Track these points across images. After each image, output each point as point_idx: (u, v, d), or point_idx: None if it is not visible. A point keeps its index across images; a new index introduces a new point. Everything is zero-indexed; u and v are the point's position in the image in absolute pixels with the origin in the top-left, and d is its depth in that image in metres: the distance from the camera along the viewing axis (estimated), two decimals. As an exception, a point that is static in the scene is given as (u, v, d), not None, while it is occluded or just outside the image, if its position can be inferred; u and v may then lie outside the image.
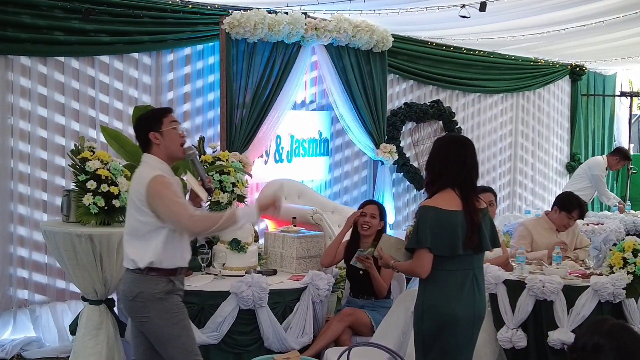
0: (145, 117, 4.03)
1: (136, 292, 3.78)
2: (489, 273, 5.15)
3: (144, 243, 3.77)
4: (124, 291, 3.86)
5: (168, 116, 3.93)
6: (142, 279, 3.79)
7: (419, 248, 3.75)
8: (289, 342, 4.80)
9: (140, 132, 3.94)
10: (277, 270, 5.43)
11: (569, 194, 6.58)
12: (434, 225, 3.72)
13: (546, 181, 11.55)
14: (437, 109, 9.35)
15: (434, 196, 3.83)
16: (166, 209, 3.70)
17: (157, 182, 3.72)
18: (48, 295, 6.11)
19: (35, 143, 5.99)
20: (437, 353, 3.78)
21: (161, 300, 3.80)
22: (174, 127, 3.91)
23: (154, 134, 3.87)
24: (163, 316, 3.79)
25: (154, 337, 3.84)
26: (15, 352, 5.74)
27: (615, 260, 5.18)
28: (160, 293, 3.79)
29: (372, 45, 8.03)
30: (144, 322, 3.81)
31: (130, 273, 3.83)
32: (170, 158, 3.94)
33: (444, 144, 3.98)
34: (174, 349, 3.82)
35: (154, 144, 3.88)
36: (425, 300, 3.82)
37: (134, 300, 3.80)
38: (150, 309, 3.78)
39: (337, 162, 8.50)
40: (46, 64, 6.03)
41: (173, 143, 3.90)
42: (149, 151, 3.91)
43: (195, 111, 7.03)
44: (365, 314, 5.22)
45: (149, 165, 3.85)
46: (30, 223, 5.99)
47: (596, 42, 9.30)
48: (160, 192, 3.71)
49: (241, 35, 6.79)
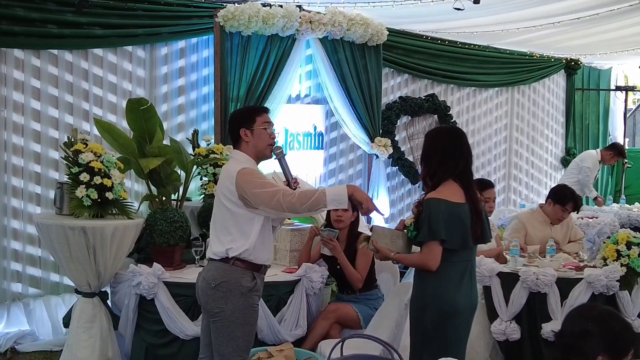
0: (239, 113, 4.14)
1: (220, 279, 3.78)
2: (483, 265, 5.16)
3: (236, 234, 3.81)
4: (206, 278, 3.84)
5: (262, 116, 3.99)
6: (228, 269, 3.80)
7: (430, 241, 3.74)
8: (283, 335, 4.80)
9: (232, 127, 4.01)
10: (271, 263, 5.42)
11: (563, 187, 6.57)
12: (447, 218, 3.72)
13: (541, 175, 11.56)
14: (432, 102, 9.35)
15: (438, 188, 3.81)
16: (259, 192, 3.74)
17: (243, 173, 3.79)
18: (42, 289, 6.11)
19: (29, 136, 5.98)
20: (439, 345, 3.77)
21: (242, 295, 3.80)
22: (265, 127, 3.96)
23: (244, 130, 3.93)
24: (236, 313, 3.79)
25: (217, 329, 3.83)
26: (9, 345, 5.74)
27: (608, 253, 5.19)
28: (244, 287, 3.80)
29: (366, 38, 8.01)
30: (216, 312, 3.79)
31: (216, 263, 3.83)
32: (258, 156, 4.00)
33: (440, 135, 3.97)
34: (227, 349, 3.82)
35: (243, 141, 3.95)
36: (426, 292, 3.81)
37: (216, 287, 3.79)
38: (228, 302, 3.78)
39: (332, 155, 8.49)
40: (39, 56, 6.01)
41: (261, 142, 3.96)
42: (238, 147, 3.98)
43: (190, 104, 7.01)
44: (352, 307, 5.21)
45: (236, 161, 3.92)
46: (24, 216, 5.98)
47: (591, 34, 9.29)
48: (248, 180, 3.77)
49: (235, 29, 6.77)
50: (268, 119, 4.01)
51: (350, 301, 5.28)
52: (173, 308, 4.69)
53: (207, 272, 3.87)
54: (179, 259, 5.23)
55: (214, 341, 3.87)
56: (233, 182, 3.79)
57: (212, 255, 3.88)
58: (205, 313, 3.92)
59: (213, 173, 5.96)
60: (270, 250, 3.98)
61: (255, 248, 3.82)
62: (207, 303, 3.85)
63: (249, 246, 3.80)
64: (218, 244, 3.86)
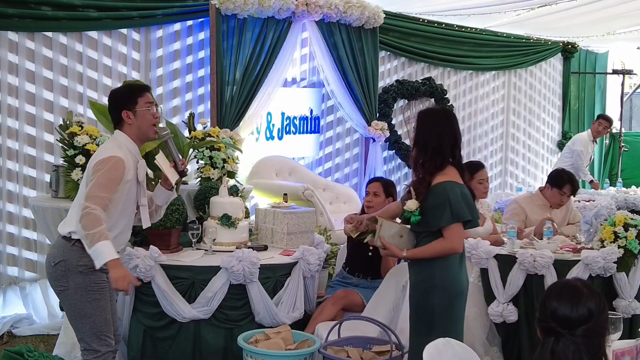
0: (119, 94, 3.94)
1: (59, 259, 3.74)
2: (480, 248, 5.14)
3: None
4: (48, 255, 3.83)
5: (144, 96, 3.86)
6: (68, 248, 3.73)
7: (454, 223, 3.72)
8: (280, 317, 4.78)
9: (113, 108, 3.88)
10: (268, 246, 5.41)
11: (560, 171, 6.56)
12: (464, 200, 3.74)
13: (538, 159, 11.57)
14: (429, 86, 9.33)
15: (444, 171, 3.77)
16: (91, 185, 3.63)
17: (107, 161, 3.66)
18: (38, 273, 6.09)
19: (23, 119, 5.95)
20: (446, 326, 3.76)
21: (82, 274, 3.74)
22: (148, 108, 3.84)
23: (126, 112, 3.81)
24: (79, 291, 3.75)
25: (67, 309, 3.84)
26: (6, 329, 5.73)
27: (606, 235, 5.18)
28: (83, 267, 3.72)
29: (363, 21, 7.98)
30: (61, 291, 3.79)
31: (59, 240, 3.80)
32: (140, 139, 3.89)
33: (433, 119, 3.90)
34: (83, 327, 3.80)
35: (126, 123, 3.83)
36: (436, 274, 3.78)
37: (55, 266, 3.75)
38: (69, 280, 3.74)
39: (328, 139, 8.47)
40: (34, 39, 5.97)
41: (145, 123, 3.84)
42: (120, 128, 3.86)
43: (185, 87, 6.98)
44: (358, 294, 5.19)
45: (115, 143, 3.81)
46: (19, 200, 5.96)
47: (588, 12, 9.21)
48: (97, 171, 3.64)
49: (231, 11, 6.73)
50: (150, 99, 3.89)
51: (359, 285, 5.27)
52: (170, 291, 4.67)
53: (51, 249, 3.87)
54: (176, 242, 5.20)
55: (70, 320, 3.86)
56: (93, 161, 3.72)
57: (60, 230, 3.82)
58: (54, 291, 3.91)
59: (209, 156, 5.93)
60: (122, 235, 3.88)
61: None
62: (50, 281, 3.85)
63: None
64: (67, 222, 3.79)
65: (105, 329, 3.85)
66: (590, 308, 2.33)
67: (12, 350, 4.34)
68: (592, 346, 2.32)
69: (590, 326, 2.31)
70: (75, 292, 3.74)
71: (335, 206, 7.77)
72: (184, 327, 4.67)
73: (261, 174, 7.33)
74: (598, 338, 2.34)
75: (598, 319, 2.33)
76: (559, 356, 2.31)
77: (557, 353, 2.31)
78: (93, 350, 3.82)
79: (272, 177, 7.44)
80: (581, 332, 2.31)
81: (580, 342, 2.30)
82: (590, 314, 2.32)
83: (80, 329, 3.81)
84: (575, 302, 2.34)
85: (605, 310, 2.39)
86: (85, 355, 3.85)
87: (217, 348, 4.68)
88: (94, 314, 3.78)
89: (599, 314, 2.34)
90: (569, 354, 2.29)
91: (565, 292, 2.39)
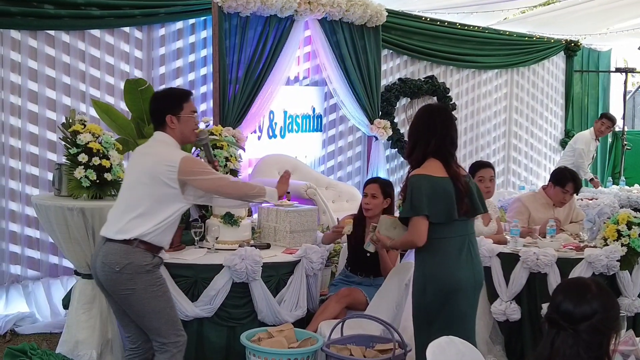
0: (165, 98, 4.05)
1: (125, 262, 3.76)
2: (483, 246, 5.13)
3: (146, 216, 3.80)
4: (107, 262, 3.80)
5: (189, 102, 3.98)
6: (131, 251, 3.78)
7: (414, 216, 3.74)
8: (283, 316, 4.78)
9: (157, 112, 3.97)
10: (271, 244, 5.41)
11: (563, 169, 6.55)
12: (429, 193, 3.72)
13: (540, 157, 11.56)
14: (431, 84, 9.33)
15: (422, 165, 3.82)
16: (204, 179, 3.87)
17: (187, 160, 3.85)
18: (41, 271, 6.09)
19: (26, 117, 5.95)
20: (442, 323, 3.75)
21: (148, 272, 3.82)
22: (192, 115, 3.98)
23: (171, 117, 3.91)
24: (148, 289, 3.81)
25: (137, 310, 3.84)
26: (9, 327, 5.72)
27: (609, 233, 5.17)
28: (148, 265, 3.81)
29: (365, 19, 7.97)
30: (128, 294, 3.80)
31: (115, 244, 3.81)
32: (182, 141, 4.00)
33: (418, 115, 3.99)
34: (159, 321, 3.84)
35: (168, 127, 3.93)
36: (425, 271, 3.80)
37: (121, 271, 3.77)
38: (137, 281, 3.78)
39: (331, 137, 8.46)
40: (36, 37, 5.96)
41: (188, 129, 3.97)
42: (162, 131, 3.95)
43: (188, 86, 6.97)
44: (362, 292, 5.18)
45: (165, 145, 3.92)
46: (22, 198, 5.95)
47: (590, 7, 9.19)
48: (193, 168, 3.85)
49: (233, 9, 6.72)
50: (194, 107, 4.03)
51: (362, 284, 5.26)
52: (173, 289, 4.65)
53: (106, 256, 3.81)
54: (178, 240, 5.20)
55: (141, 322, 3.88)
56: (175, 167, 3.79)
57: (112, 235, 3.83)
58: (114, 297, 3.89)
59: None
60: (172, 235, 4.04)
61: (162, 231, 3.85)
62: (115, 287, 3.83)
63: (156, 229, 3.81)
64: (122, 224, 3.83)
65: (178, 319, 3.97)
66: (593, 306, 2.33)
67: (16, 348, 4.34)
68: (593, 343, 2.32)
69: (593, 324, 2.32)
70: (145, 291, 3.80)
71: (337, 204, 7.76)
72: (187, 325, 4.65)
73: (264, 173, 7.32)
74: (601, 337, 2.35)
75: (602, 318, 2.33)
76: (557, 348, 2.33)
77: (556, 345, 2.33)
78: (172, 342, 3.88)
79: (275, 176, 7.41)
80: (584, 328, 2.31)
81: (581, 337, 2.31)
82: (593, 312, 2.33)
83: (156, 325, 3.85)
84: (580, 298, 2.35)
85: (613, 311, 2.39)
86: (164, 348, 3.87)
87: (219, 346, 4.69)
88: (166, 307, 3.87)
89: (604, 313, 2.34)
90: (566, 347, 2.32)
91: (573, 287, 2.41)
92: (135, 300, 3.81)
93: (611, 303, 2.39)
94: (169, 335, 3.87)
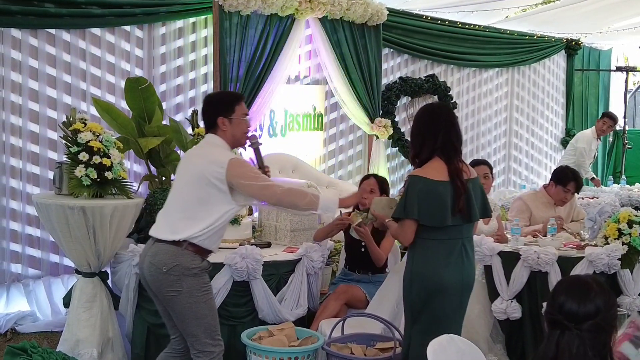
0: (217, 100, 4.07)
1: (172, 264, 3.75)
2: (484, 245, 5.14)
3: (197, 218, 3.80)
4: (155, 263, 3.79)
5: (241, 105, 3.99)
6: (179, 252, 3.77)
7: (404, 218, 3.76)
8: (284, 314, 4.79)
9: (209, 113, 3.98)
10: (271, 243, 5.41)
11: (565, 168, 6.56)
12: (422, 197, 3.72)
13: (541, 156, 11.55)
14: (432, 83, 9.32)
15: (423, 166, 3.82)
16: (251, 185, 3.82)
17: (235, 163, 3.82)
18: (41, 270, 6.09)
19: (27, 116, 5.94)
20: (425, 321, 3.79)
21: (195, 276, 3.80)
22: (244, 118, 3.98)
23: (222, 119, 3.92)
24: (194, 293, 3.79)
25: (179, 312, 3.82)
26: (9, 326, 5.72)
27: (610, 231, 5.18)
28: (195, 269, 3.79)
29: (366, 18, 7.97)
30: (173, 296, 3.78)
31: (165, 245, 3.80)
32: (233, 144, 4.00)
33: (419, 115, 3.98)
34: (199, 328, 3.82)
35: (220, 129, 3.94)
36: (413, 268, 3.83)
37: (168, 272, 3.76)
38: (183, 284, 3.76)
39: (332, 136, 8.46)
40: (37, 36, 5.96)
41: (239, 131, 3.97)
42: (214, 133, 3.96)
43: (189, 84, 6.96)
44: (360, 289, 5.20)
45: (216, 147, 3.93)
46: (23, 197, 5.95)
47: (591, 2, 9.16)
48: (241, 171, 3.83)
49: (234, 8, 6.72)
50: (246, 110, 4.03)
51: (361, 281, 5.26)
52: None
53: (154, 256, 3.81)
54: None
55: (181, 325, 3.86)
56: (223, 168, 3.78)
57: (162, 236, 3.83)
58: (159, 298, 3.89)
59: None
60: (221, 238, 4.02)
61: (212, 234, 3.84)
62: (160, 288, 3.81)
63: (205, 231, 3.80)
64: (171, 225, 3.83)
65: (217, 329, 3.92)
66: (597, 304, 2.33)
67: (16, 347, 4.33)
68: (597, 342, 2.32)
69: (596, 322, 2.31)
70: (190, 294, 3.78)
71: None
72: (188, 323, 4.67)
73: (264, 171, 7.32)
74: (604, 335, 2.34)
75: (605, 316, 2.33)
76: (563, 349, 2.31)
77: (562, 346, 2.32)
78: (207, 352, 3.86)
79: (275, 174, 7.43)
80: (587, 327, 2.31)
81: (586, 337, 2.30)
82: (597, 311, 2.32)
83: (195, 331, 3.83)
84: (583, 297, 2.34)
85: (614, 308, 2.39)
86: (198, 356, 3.86)
87: (220, 345, 4.68)
88: (208, 315, 3.84)
89: (606, 311, 2.34)
90: (573, 348, 2.30)
91: (575, 286, 2.40)
92: (179, 302, 3.79)
93: (612, 300, 2.39)
94: (205, 345, 3.85)
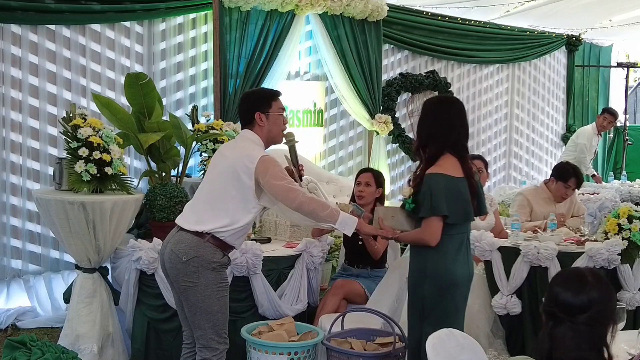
0: (255, 96, 4.05)
1: (193, 254, 3.73)
2: (484, 240, 5.14)
3: (226, 212, 3.78)
4: (176, 251, 3.77)
5: (278, 101, 3.97)
6: (202, 244, 3.75)
7: (431, 216, 3.71)
8: (283, 309, 4.79)
9: (246, 109, 3.96)
10: (271, 238, 5.42)
11: (565, 164, 6.56)
12: (447, 193, 3.69)
13: (541, 152, 11.54)
14: (432, 79, 9.32)
15: (437, 162, 3.78)
16: (276, 184, 3.76)
17: (265, 161, 3.77)
18: (42, 265, 6.10)
19: (27, 112, 5.95)
20: (437, 316, 3.75)
21: (214, 270, 3.78)
22: (280, 114, 3.96)
23: (259, 114, 3.89)
24: (209, 287, 3.77)
25: (192, 304, 3.80)
26: (10, 322, 5.73)
27: (610, 227, 5.17)
28: (215, 263, 3.77)
29: (366, 14, 7.96)
30: (189, 287, 3.76)
31: (188, 235, 3.77)
32: (268, 141, 3.98)
33: (430, 106, 3.93)
34: (208, 322, 3.81)
35: (257, 125, 3.91)
36: (427, 265, 3.77)
37: (187, 262, 3.74)
38: (201, 276, 3.74)
39: (332, 132, 8.46)
40: (37, 32, 5.96)
41: (276, 128, 3.96)
42: (250, 129, 3.94)
43: (189, 80, 6.97)
44: (358, 283, 5.20)
45: (252, 143, 3.90)
46: (23, 192, 5.96)
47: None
48: (269, 170, 3.77)
49: (234, 4, 6.72)
50: (282, 105, 4.00)
51: (360, 276, 5.26)
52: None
53: (177, 244, 3.78)
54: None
55: (191, 317, 3.85)
56: (253, 163, 3.76)
57: (187, 225, 3.81)
58: (175, 286, 3.86)
59: (213, 149, 5.92)
60: (245, 235, 4.00)
61: (238, 230, 3.81)
62: (178, 277, 3.79)
63: (232, 227, 3.77)
64: (196, 216, 3.81)
65: (225, 327, 3.89)
66: (592, 297, 2.32)
67: (15, 340, 4.32)
68: (592, 335, 2.31)
69: (591, 315, 2.31)
70: (206, 288, 3.75)
71: (338, 199, 7.72)
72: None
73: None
74: (600, 328, 2.34)
75: (601, 309, 2.32)
76: (556, 340, 2.32)
77: (556, 337, 2.32)
78: (212, 348, 3.84)
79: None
80: (583, 319, 2.30)
81: (581, 329, 2.30)
82: (591, 303, 2.31)
83: (203, 325, 3.81)
84: (578, 289, 2.34)
85: (611, 302, 2.38)
86: (203, 352, 3.85)
87: (220, 340, 4.69)
88: (219, 311, 3.81)
89: (602, 304, 2.33)
90: (566, 339, 2.30)
91: (570, 279, 2.39)
92: (193, 294, 3.76)
93: (609, 294, 2.38)
94: (211, 341, 3.83)
